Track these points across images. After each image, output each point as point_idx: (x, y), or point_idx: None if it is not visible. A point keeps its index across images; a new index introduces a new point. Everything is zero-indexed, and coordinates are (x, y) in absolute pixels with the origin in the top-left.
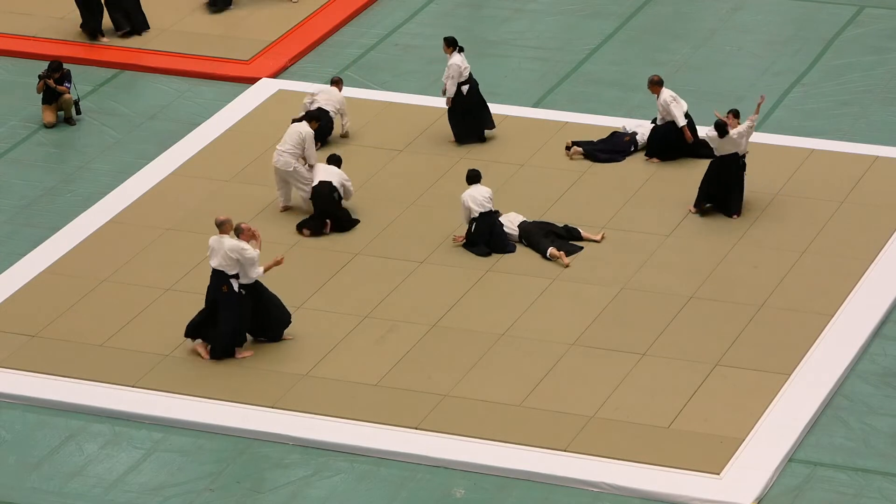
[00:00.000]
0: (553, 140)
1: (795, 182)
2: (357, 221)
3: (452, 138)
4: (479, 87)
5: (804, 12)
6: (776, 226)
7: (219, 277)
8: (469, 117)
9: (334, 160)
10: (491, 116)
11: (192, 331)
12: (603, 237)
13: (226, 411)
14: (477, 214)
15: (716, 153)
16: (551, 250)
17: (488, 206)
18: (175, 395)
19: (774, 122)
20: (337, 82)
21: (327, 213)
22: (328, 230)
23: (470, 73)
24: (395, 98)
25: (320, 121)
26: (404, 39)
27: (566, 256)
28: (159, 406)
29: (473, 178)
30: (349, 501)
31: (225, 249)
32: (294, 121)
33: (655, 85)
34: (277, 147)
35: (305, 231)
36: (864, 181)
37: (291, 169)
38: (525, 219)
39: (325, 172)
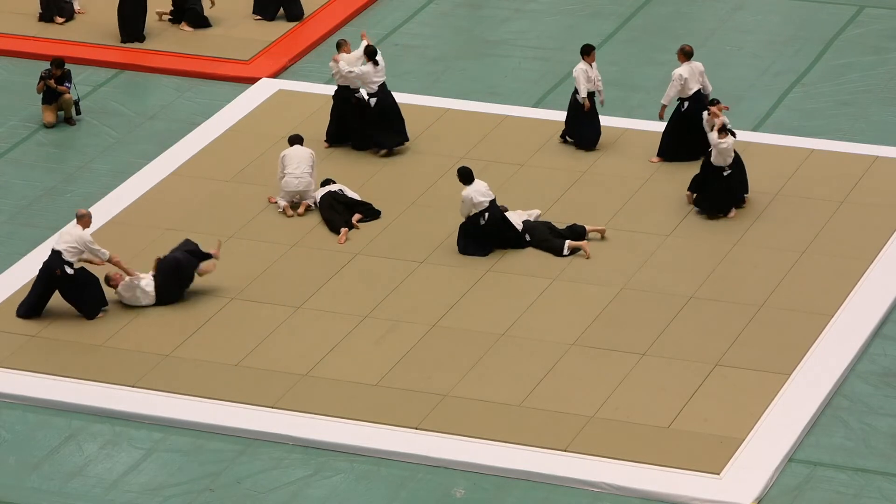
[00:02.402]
0: (553, 140)
1: (795, 182)
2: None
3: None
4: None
5: (804, 12)
6: (776, 226)
7: (56, 259)
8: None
9: (297, 139)
10: (391, 137)
11: (31, 311)
12: (604, 232)
13: (226, 411)
14: (487, 204)
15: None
16: (570, 243)
17: (492, 195)
18: (175, 395)
19: (774, 122)
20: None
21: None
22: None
23: (383, 85)
24: (395, 98)
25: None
26: (404, 39)
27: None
28: (159, 406)
29: (468, 175)
30: (349, 501)
31: (78, 239)
32: (293, 142)
33: (680, 53)
34: (292, 172)
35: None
36: (863, 181)
37: (313, 186)
38: (528, 217)
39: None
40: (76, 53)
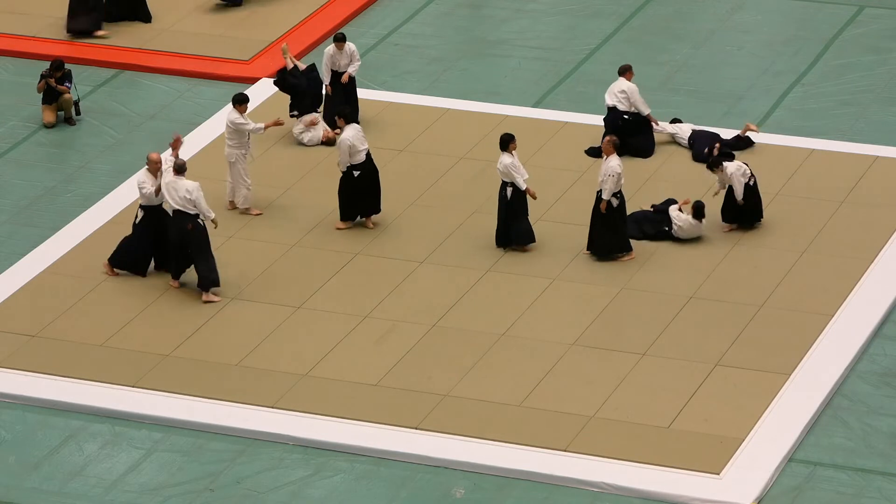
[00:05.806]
0: (553, 140)
1: (795, 182)
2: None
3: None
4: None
5: (804, 12)
6: (776, 226)
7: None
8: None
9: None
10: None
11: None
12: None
13: (226, 411)
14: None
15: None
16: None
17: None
18: (175, 395)
19: (774, 122)
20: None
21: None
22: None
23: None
24: (395, 98)
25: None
26: (404, 39)
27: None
28: (159, 406)
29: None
30: (349, 501)
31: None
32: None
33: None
34: None
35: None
36: (864, 181)
37: (233, 160)
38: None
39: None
40: (76, 53)
